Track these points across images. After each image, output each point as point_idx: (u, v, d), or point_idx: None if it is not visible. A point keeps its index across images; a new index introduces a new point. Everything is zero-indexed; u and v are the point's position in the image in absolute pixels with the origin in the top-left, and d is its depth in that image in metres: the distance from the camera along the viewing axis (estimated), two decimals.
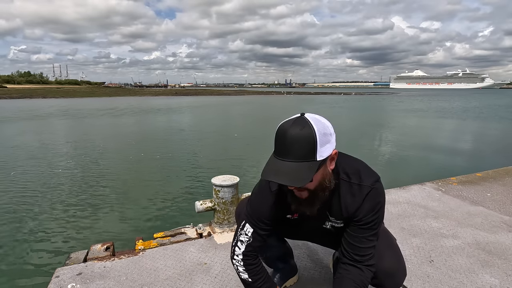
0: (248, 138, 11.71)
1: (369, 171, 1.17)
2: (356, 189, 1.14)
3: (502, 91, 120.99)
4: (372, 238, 1.17)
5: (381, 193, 1.15)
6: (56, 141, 10.98)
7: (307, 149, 0.97)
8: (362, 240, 1.16)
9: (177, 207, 4.84)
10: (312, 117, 1.01)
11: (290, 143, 0.98)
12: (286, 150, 0.99)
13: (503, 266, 1.80)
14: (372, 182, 1.14)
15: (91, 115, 20.48)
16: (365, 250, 1.16)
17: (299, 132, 0.97)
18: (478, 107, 29.15)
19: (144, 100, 42.35)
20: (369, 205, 1.13)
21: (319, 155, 0.98)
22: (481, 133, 13.30)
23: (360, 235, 1.16)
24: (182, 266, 1.82)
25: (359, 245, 1.16)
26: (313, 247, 1.98)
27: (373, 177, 1.15)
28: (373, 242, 1.17)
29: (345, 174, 1.15)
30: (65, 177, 6.40)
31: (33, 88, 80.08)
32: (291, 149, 0.98)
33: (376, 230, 1.17)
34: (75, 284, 1.66)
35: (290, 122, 1.00)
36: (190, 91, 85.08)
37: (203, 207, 2.26)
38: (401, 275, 1.27)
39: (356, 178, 1.14)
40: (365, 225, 1.15)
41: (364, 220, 1.15)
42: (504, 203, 2.74)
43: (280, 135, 1.00)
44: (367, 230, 1.16)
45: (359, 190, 1.14)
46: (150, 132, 13.33)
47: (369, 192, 1.13)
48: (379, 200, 1.14)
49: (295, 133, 0.97)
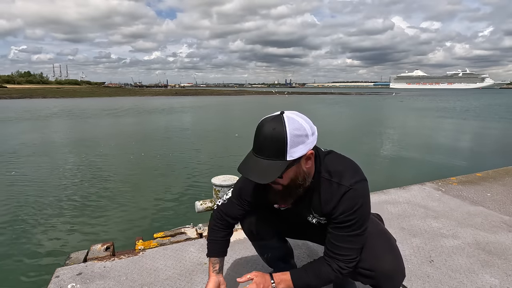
0: (248, 137, 11.71)
1: (354, 172, 1.16)
2: (335, 187, 1.14)
3: (502, 91, 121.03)
4: (350, 239, 1.15)
5: (360, 194, 1.13)
6: (57, 141, 10.99)
7: (277, 149, 1.01)
8: (339, 239, 1.16)
9: (177, 207, 4.84)
10: (290, 116, 1.03)
11: (262, 140, 1.03)
12: (259, 147, 1.04)
13: (503, 266, 1.80)
14: (352, 183, 1.13)
15: (96, 115, 20.49)
16: (340, 249, 1.16)
17: (271, 131, 1.01)
18: (478, 107, 29.17)
19: (146, 100, 42.36)
20: (345, 205, 1.12)
21: (289, 155, 1.01)
22: (481, 133, 13.31)
23: (337, 233, 1.16)
24: (182, 266, 1.82)
25: (335, 242, 1.17)
26: (313, 247, 1.98)
27: (356, 178, 1.14)
28: (352, 244, 1.16)
29: (327, 173, 1.16)
30: (65, 177, 6.41)
31: (33, 88, 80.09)
32: (263, 147, 1.03)
33: (356, 232, 1.14)
34: (75, 284, 1.66)
35: (268, 119, 1.04)
36: (190, 91, 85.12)
37: (203, 207, 2.26)
38: (400, 277, 1.26)
39: (337, 177, 1.15)
40: (341, 223, 1.15)
41: (339, 219, 1.14)
42: (504, 203, 2.74)
43: (257, 132, 1.05)
44: (344, 229, 1.15)
45: (338, 189, 1.14)
46: (151, 131, 13.33)
47: (346, 192, 1.12)
48: (357, 201, 1.12)
49: (268, 132, 1.01)
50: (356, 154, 1.45)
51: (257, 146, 1.04)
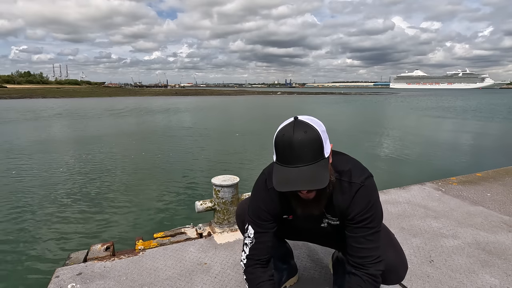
0: (248, 137, 11.71)
1: (360, 168, 1.16)
2: (346, 186, 1.13)
3: (502, 91, 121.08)
4: (371, 237, 1.13)
5: (372, 190, 1.14)
6: (57, 141, 10.98)
7: (317, 150, 0.99)
8: (360, 240, 1.14)
9: (177, 207, 4.84)
10: (307, 118, 1.04)
11: (299, 148, 0.97)
12: (296, 157, 0.98)
13: (503, 266, 1.80)
14: (362, 180, 1.12)
15: (100, 115, 20.48)
16: (365, 252, 1.13)
17: (305, 135, 0.98)
18: (478, 107, 29.17)
19: (146, 100, 42.33)
20: (360, 203, 1.12)
21: (325, 152, 1.01)
22: (481, 133, 13.30)
23: (357, 235, 1.15)
24: (182, 266, 1.82)
25: (358, 245, 1.14)
26: (313, 247, 1.98)
27: (364, 174, 1.14)
28: (373, 243, 1.14)
29: (336, 172, 1.14)
30: (65, 176, 6.40)
31: (33, 88, 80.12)
32: (302, 154, 0.98)
33: (374, 229, 1.13)
34: (75, 284, 1.66)
35: (290, 128, 1.00)
36: (190, 91, 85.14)
37: (203, 207, 2.26)
38: (402, 270, 1.27)
39: (347, 175, 1.14)
40: (359, 223, 1.13)
41: (357, 219, 1.13)
42: (504, 203, 2.74)
43: (284, 144, 0.99)
44: (364, 229, 1.13)
45: (349, 187, 1.13)
46: (152, 131, 13.32)
47: (358, 189, 1.12)
48: (370, 197, 1.12)
49: (302, 138, 0.98)
50: (356, 154, 1.46)
51: (292, 156, 0.98)
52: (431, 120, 18.17)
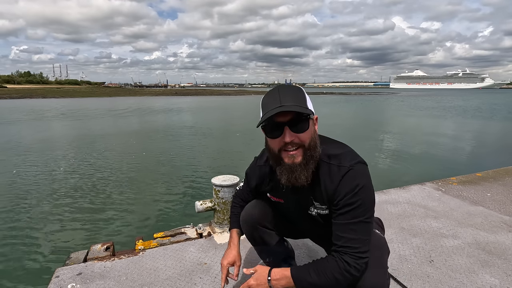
0: (249, 137, 11.70)
1: (352, 154, 1.13)
2: (335, 170, 1.10)
3: (502, 91, 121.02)
4: (354, 227, 1.06)
5: (361, 174, 1.08)
6: (58, 140, 10.98)
7: (300, 98, 1.07)
8: (342, 228, 1.07)
9: (177, 207, 4.84)
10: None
11: (284, 94, 1.06)
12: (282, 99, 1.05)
13: (503, 266, 1.80)
14: (352, 164, 1.09)
15: (104, 116, 20.48)
16: (346, 240, 1.06)
17: (290, 87, 1.11)
18: (478, 107, 29.15)
19: (148, 100, 42.32)
20: (346, 186, 1.07)
21: (308, 105, 1.08)
22: (481, 133, 13.30)
23: (340, 222, 1.09)
24: (182, 266, 1.82)
25: (340, 233, 1.08)
26: (313, 247, 1.98)
27: (355, 159, 1.10)
28: (357, 234, 1.05)
29: (326, 156, 1.13)
30: (66, 176, 6.41)
31: (33, 88, 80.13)
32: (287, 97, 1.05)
33: (360, 219, 1.06)
34: (75, 284, 1.66)
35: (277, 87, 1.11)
36: (190, 91, 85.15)
37: (203, 207, 2.26)
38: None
39: (336, 160, 1.11)
40: (343, 209, 1.07)
41: (341, 203, 1.07)
42: (504, 203, 2.74)
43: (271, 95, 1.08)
44: (347, 215, 1.07)
45: (338, 171, 1.10)
46: (152, 131, 13.32)
47: (346, 173, 1.08)
48: (358, 181, 1.06)
49: (287, 88, 1.10)
50: None
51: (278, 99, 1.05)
52: (431, 120, 18.16)
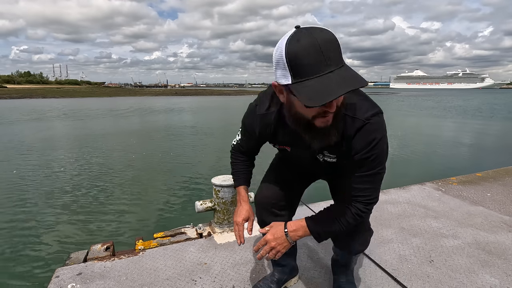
0: None
1: (368, 104, 1.03)
2: (349, 122, 1.01)
3: (502, 91, 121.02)
4: (368, 178, 1.06)
5: (377, 128, 1.01)
6: (58, 141, 10.99)
7: (340, 52, 0.83)
8: (356, 180, 1.07)
9: (177, 207, 4.84)
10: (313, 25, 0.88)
11: (326, 50, 0.80)
12: (327, 59, 0.80)
13: (503, 266, 1.80)
14: (367, 116, 1.00)
15: (105, 116, 20.48)
16: (359, 190, 1.08)
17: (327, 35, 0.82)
18: (478, 107, 29.14)
19: (148, 100, 42.30)
20: (362, 141, 1.01)
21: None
22: (481, 133, 13.29)
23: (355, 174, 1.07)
24: (182, 266, 1.82)
25: (354, 184, 1.08)
26: (313, 247, 1.98)
27: (371, 110, 1.01)
28: (370, 184, 1.07)
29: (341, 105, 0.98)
30: (66, 176, 6.41)
31: (32, 88, 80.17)
32: (331, 56, 0.81)
33: (373, 170, 1.05)
34: (75, 284, 1.66)
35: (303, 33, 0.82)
36: (190, 91, 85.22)
37: (203, 207, 2.26)
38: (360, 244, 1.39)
39: (351, 110, 1.01)
40: (358, 163, 1.05)
41: (356, 157, 1.04)
42: (504, 203, 2.74)
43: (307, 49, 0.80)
44: (362, 168, 1.05)
45: (352, 123, 1.01)
46: (153, 131, 13.32)
47: (362, 127, 1.00)
48: (374, 136, 1.01)
49: (327, 37, 0.81)
50: None
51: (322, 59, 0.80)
52: (431, 120, 18.16)
